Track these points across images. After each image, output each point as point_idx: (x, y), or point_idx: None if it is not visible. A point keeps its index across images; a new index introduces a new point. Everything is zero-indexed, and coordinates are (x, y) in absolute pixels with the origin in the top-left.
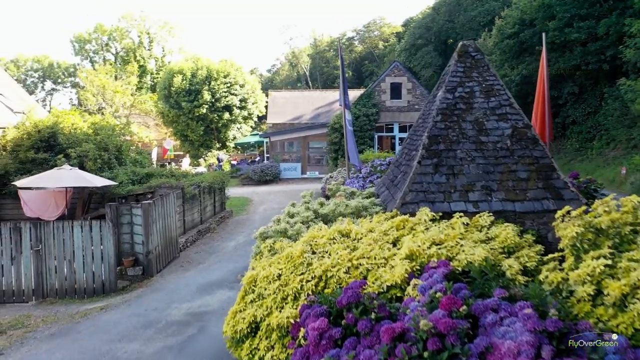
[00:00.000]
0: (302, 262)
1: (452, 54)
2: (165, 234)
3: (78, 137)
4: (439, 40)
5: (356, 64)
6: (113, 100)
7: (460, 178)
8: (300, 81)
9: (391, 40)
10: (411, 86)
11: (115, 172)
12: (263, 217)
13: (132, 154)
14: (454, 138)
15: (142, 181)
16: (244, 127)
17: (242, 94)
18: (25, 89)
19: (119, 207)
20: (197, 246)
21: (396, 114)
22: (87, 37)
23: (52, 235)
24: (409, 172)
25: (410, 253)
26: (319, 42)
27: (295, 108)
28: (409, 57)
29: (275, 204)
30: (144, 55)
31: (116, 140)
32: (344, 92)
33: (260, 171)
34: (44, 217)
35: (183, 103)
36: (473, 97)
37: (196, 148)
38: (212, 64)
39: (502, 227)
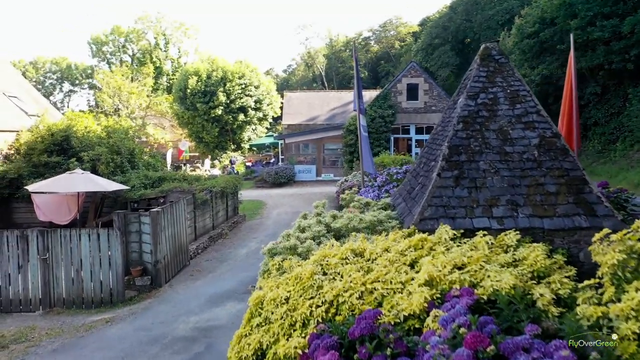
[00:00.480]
0: (312, 285)
1: (469, 54)
2: (174, 242)
3: (91, 140)
4: (456, 40)
5: (372, 64)
6: (129, 101)
7: (483, 192)
8: (316, 81)
9: (407, 40)
10: (428, 87)
11: (127, 175)
12: (276, 221)
13: (146, 157)
14: (477, 148)
15: (155, 185)
16: (259, 128)
17: (257, 95)
18: (44, 91)
19: (127, 215)
20: (208, 253)
21: (413, 116)
22: (104, 39)
23: (60, 244)
24: (427, 184)
25: (429, 278)
26: (335, 42)
27: (311, 109)
28: (426, 56)
29: (289, 207)
30: (160, 57)
31: (129, 143)
32: (359, 96)
33: (274, 174)
34: (56, 221)
35: (198, 104)
36: (497, 104)
37: (211, 149)
38: (228, 65)
39: (531, 248)
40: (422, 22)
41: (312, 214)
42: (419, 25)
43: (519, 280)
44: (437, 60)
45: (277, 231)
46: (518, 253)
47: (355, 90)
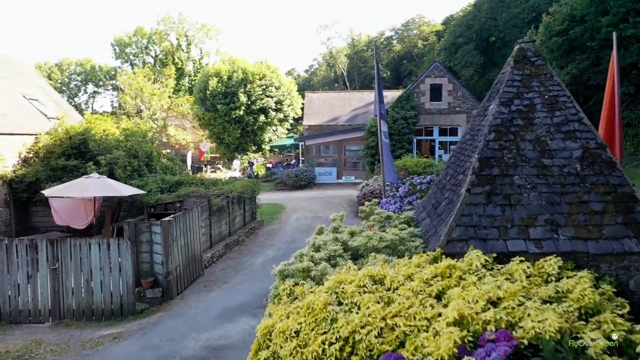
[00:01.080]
0: (325, 317)
1: (494, 53)
2: (187, 251)
3: (109, 143)
4: (481, 39)
5: (394, 64)
6: (150, 103)
7: (518, 210)
8: (338, 81)
9: (430, 39)
10: (452, 87)
11: (145, 179)
12: (295, 227)
13: (164, 160)
14: (511, 161)
15: (172, 189)
16: (280, 129)
17: (278, 95)
18: (69, 92)
19: (138, 224)
20: (223, 261)
21: (436, 117)
22: (127, 40)
23: (69, 253)
24: (455, 200)
25: (459, 316)
26: (357, 41)
27: (332, 109)
28: (449, 56)
29: (309, 212)
30: (181, 58)
31: (146, 146)
32: (380, 100)
33: (294, 176)
34: (73, 225)
35: (218, 106)
36: (533, 111)
37: (232, 151)
38: (248, 66)
39: (576, 278)
40: (445, 21)
41: (328, 227)
42: (442, 24)
43: (565, 320)
44: (460, 60)
45: (295, 238)
46: (561, 284)
47: (375, 93)
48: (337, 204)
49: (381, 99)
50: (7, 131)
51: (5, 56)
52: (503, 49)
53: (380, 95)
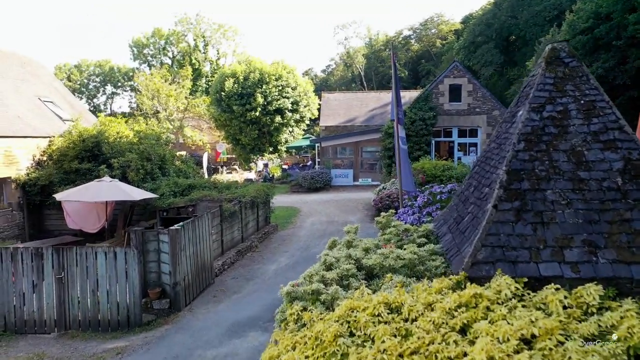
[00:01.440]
0: (335, 352)
1: (514, 52)
2: (197, 260)
3: (122, 146)
4: (501, 37)
5: (412, 63)
6: (167, 104)
7: (552, 229)
8: (355, 81)
9: (449, 38)
10: (472, 88)
11: (157, 183)
12: (309, 232)
13: (177, 162)
14: (543, 174)
15: (185, 193)
16: (296, 130)
17: (294, 96)
18: (87, 93)
19: (145, 232)
20: (235, 269)
21: (455, 118)
22: (144, 41)
23: (75, 262)
24: (480, 217)
25: (488, 359)
26: (375, 41)
27: (349, 110)
28: (468, 55)
29: (324, 216)
30: (199, 59)
31: (160, 149)
32: (397, 104)
33: (310, 178)
34: (85, 229)
35: (234, 107)
36: (568, 118)
37: (248, 152)
38: (265, 66)
39: (621, 311)
40: (464, 20)
41: (342, 241)
42: (461, 23)
43: None
44: (480, 59)
45: (309, 244)
46: (605, 319)
47: (393, 97)
48: (353, 208)
49: (399, 102)
50: (20, 134)
51: (23, 58)
52: (523, 47)
53: (397, 99)
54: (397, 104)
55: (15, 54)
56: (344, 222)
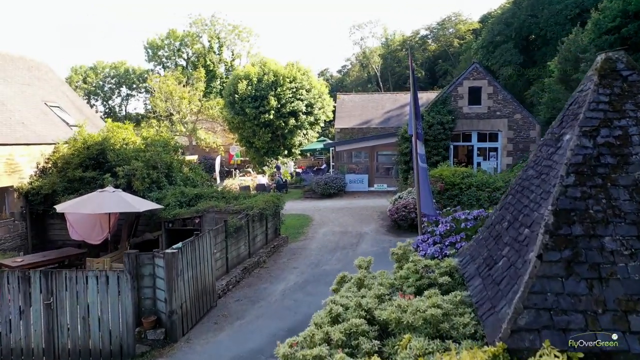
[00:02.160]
0: None
1: (534, 51)
2: (197, 284)
3: (127, 154)
4: (520, 37)
5: (429, 63)
6: (180, 106)
7: (612, 287)
8: (371, 82)
9: (467, 37)
10: (492, 90)
11: (164, 192)
12: (321, 245)
13: (185, 169)
14: (599, 215)
15: (191, 203)
16: (311, 132)
17: (309, 98)
18: (103, 95)
19: (139, 256)
20: (240, 289)
21: (475, 122)
22: (159, 43)
23: (65, 287)
24: (520, 267)
25: None
26: (391, 41)
27: (364, 112)
28: (487, 55)
29: (337, 225)
30: (213, 60)
31: (167, 156)
32: (416, 117)
33: (324, 184)
34: (88, 240)
35: (247, 109)
36: (628, 145)
37: (262, 155)
38: (279, 68)
39: None
40: (482, 19)
41: (352, 279)
42: (479, 22)
43: None
44: (498, 59)
45: (320, 259)
46: None
47: (410, 109)
48: (367, 217)
49: (417, 115)
50: (23, 141)
51: (31, 62)
52: (543, 47)
53: (416, 112)
54: (416, 118)
55: (23, 58)
56: (358, 233)
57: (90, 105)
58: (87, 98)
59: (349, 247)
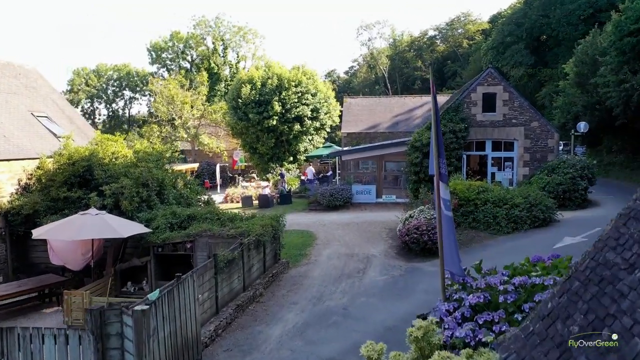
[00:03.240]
0: None
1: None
2: (176, 339)
3: (116, 170)
4: (531, 37)
5: (438, 64)
6: (182, 111)
7: None
8: (379, 83)
9: (477, 38)
10: (508, 97)
11: (154, 212)
12: (325, 272)
13: (180, 184)
14: None
15: (183, 225)
16: (316, 138)
17: (314, 103)
18: (106, 99)
19: (104, 312)
20: (231, 332)
21: (489, 130)
22: (163, 45)
23: (18, 346)
24: None
25: None
26: (399, 42)
27: (372, 115)
28: (497, 56)
29: (343, 245)
30: (217, 62)
31: (159, 172)
32: (439, 154)
33: (329, 195)
34: (70, 266)
35: (251, 115)
36: None
37: (266, 161)
38: (284, 72)
39: None
40: (492, 19)
41: None
42: (488, 23)
43: None
44: (509, 60)
45: (323, 291)
46: None
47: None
48: (376, 234)
49: (440, 152)
50: (4, 156)
51: (19, 69)
52: (555, 47)
53: (439, 149)
54: (439, 155)
55: (10, 64)
56: (365, 256)
57: (93, 109)
58: (90, 101)
59: (355, 274)
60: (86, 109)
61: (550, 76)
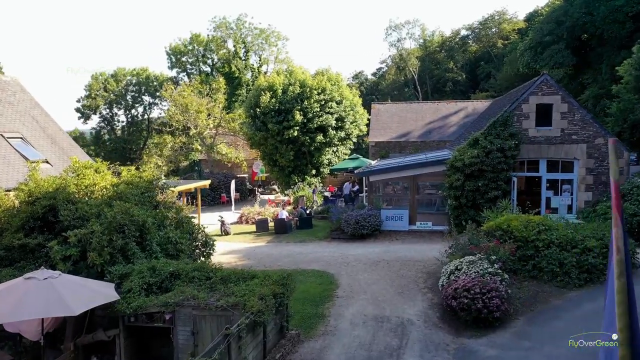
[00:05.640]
0: None
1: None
2: None
3: (87, 210)
4: (572, 36)
5: (470, 65)
6: (196, 120)
7: None
8: (408, 85)
9: (512, 37)
10: (567, 108)
11: (129, 266)
12: (347, 353)
13: (169, 225)
14: None
15: (164, 285)
16: (341, 149)
17: (339, 111)
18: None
19: None
20: None
21: (544, 148)
22: (182, 48)
23: None
24: None
25: None
26: (429, 42)
27: (402, 123)
28: (534, 56)
29: (372, 302)
30: (239, 67)
31: (139, 213)
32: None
33: (354, 222)
34: (25, 334)
35: (270, 125)
36: None
37: (286, 175)
38: (307, 78)
39: None
40: (528, 18)
41: None
42: (524, 21)
43: None
44: (548, 61)
45: None
46: None
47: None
48: (411, 281)
49: None
50: None
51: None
52: (599, 47)
53: None
54: None
55: None
56: (400, 322)
57: (112, 115)
58: (108, 107)
59: (387, 357)
60: (105, 115)
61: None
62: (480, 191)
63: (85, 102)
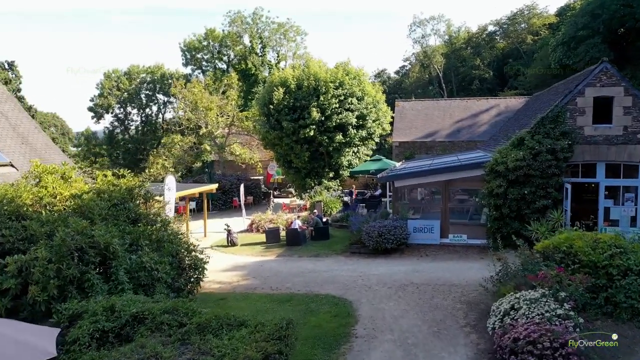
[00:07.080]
0: None
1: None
2: None
3: (36, 229)
4: (610, 30)
5: (498, 62)
6: (206, 118)
7: None
8: (432, 83)
9: (542, 33)
10: (631, 102)
11: (83, 304)
12: None
13: (148, 241)
14: None
15: (125, 333)
16: (362, 150)
17: (360, 109)
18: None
19: None
20: None
21: (602, 149)
22: (197, 44)
23: None
24: None
25: None
26: (455, 39)
27: (428, 121)
28: (567, 52)
29: (399, 346)
30: (255, 63)
31: (101, 234)
32: None
33: (377, 235)
34: None
35: (284, 122)
36: None
37: (303, 177)
38: (321, 71)
39: None
40: (560, 12)
41: None
42: (556, 16)
43: None
44: (582, 56)
45: None
46: None
47: None
48: (448, 315)
49: None
50: None
51: None
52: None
53: None
54: None
55: None
56: None
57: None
58: (122, 106)
59: None
60: (118, 114)
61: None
62: (526, 200)
63: (97, 101)
